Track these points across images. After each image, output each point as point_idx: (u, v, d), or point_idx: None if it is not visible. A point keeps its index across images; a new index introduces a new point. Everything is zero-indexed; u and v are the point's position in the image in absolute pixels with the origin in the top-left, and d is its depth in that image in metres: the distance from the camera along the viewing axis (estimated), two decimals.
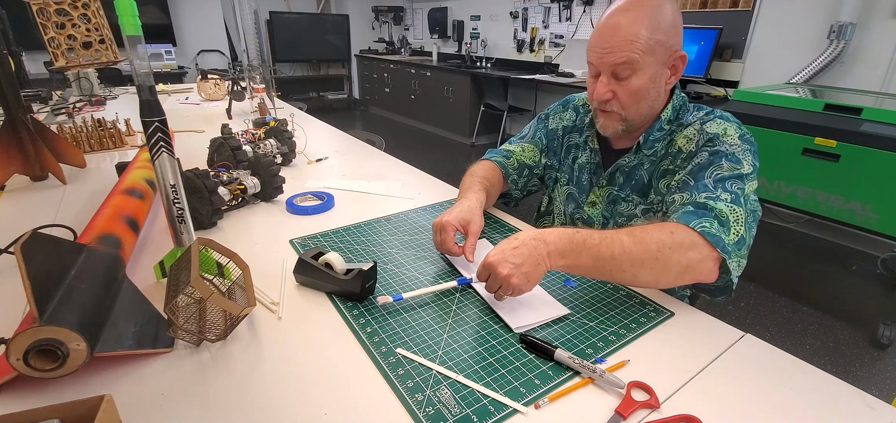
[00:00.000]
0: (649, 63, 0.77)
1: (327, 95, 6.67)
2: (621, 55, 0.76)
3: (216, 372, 0.57)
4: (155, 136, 0.65)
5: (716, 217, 0.69)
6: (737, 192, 0.72)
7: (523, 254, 0.65)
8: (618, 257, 0.66)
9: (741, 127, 0.80)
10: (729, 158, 0.75)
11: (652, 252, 0.66)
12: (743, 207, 0.71)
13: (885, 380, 1.73)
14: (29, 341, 0.47)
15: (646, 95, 0.80)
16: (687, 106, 0.87)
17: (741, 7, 2.99)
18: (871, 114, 1.90)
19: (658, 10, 0.75)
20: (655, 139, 0.86)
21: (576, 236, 0.67)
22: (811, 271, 2.54)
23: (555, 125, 1.05)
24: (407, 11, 6.53)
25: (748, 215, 0.71)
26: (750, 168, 0.75)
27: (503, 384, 0.55)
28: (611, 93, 0.81)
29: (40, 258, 0.53)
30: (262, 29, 1.92)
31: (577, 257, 0.67)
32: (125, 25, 0.60)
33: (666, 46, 0.77)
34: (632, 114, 0.82)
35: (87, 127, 1.55)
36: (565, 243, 0.67)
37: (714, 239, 0.67)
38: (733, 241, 0.68)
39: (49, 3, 1.16)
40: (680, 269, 0.67)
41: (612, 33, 0.77)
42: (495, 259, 0.66)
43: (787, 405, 0.53)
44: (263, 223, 1.00)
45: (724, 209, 0.70)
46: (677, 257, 0.66)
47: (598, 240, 0.67)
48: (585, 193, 0.97)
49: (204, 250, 0.69)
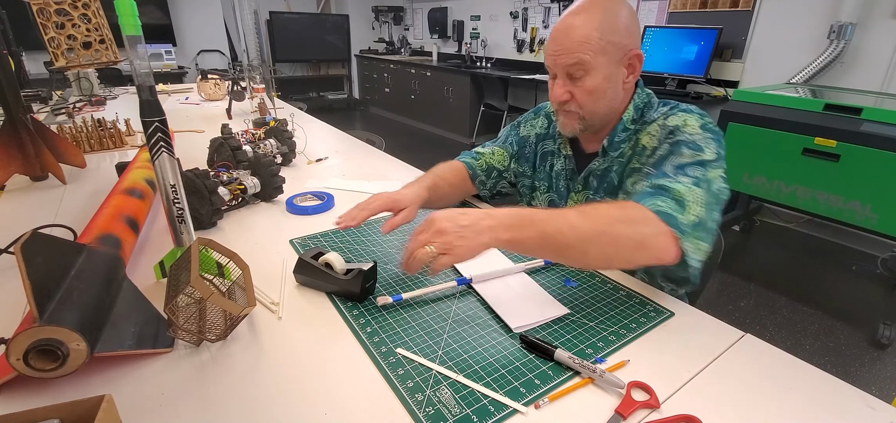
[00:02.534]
0: (602, 63, 0.78)
1: (327, 95, 6.67)
2: (573, 56, 0.78)
3: (216, 372, 0.57)
4: (155, 136, 0.65)
5: (672, 197, 0.68)
6: (697, 176, 0.71)
7: (470, 216, 0.63)
8: (565, 232, 0.63)
9: (704, 118, 0.80)
10: (689, 146, 0.75)
11: (599, 227, 0.63)
12: (703, 190, 0.70)
13: (885, 380, 1.73)
14: (29, 341, 0.47)
15: (602, 95, 0.81)
16: (652, 103, 0.88)
17: (741, 7, 2.99)
18: (871, 114, 1.90)
19: (610, 12, 0.77)
20: (621, 141, 0.87)
21: (522, 211, 0.65)
22: (811, 271, 2.54)
23: (526, 133, 1.06)
24: (407, 11, 6.53)
25: (709, 198, 0.69)
26: (713, 155, 0.74)
27: (503, 384, 0.55)
28: (568, 94, 0.82)
29: (40, 258, 0.53)
30: (262, 29, 1.92)
31: (522, 230, 0.63)
32: (125, 25, 0.60)
33: (620, 46, 0.78)
34: (589, 113, 0.83)
35: (87, 127, 1.55)
36: (510, 216, 0.64)
37: (667, 217, 0.65)
38: (690, 222, 0.66)
39: (49, 3, 1.16)
40: (632, 244, 0.64)
41: (564, 36, 0.79)
42: (439, 215, 0.64)
43: (787, 405, 0.53)
44: (263, 223, 1.00)
45: (681, 189, 0.68)
46: (628, 232, 0.64)
47: (545, 216, 0.64)
48: (564, 199, 0.98)
49: (204, 250, 0.69)
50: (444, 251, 0.61)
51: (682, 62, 3.15)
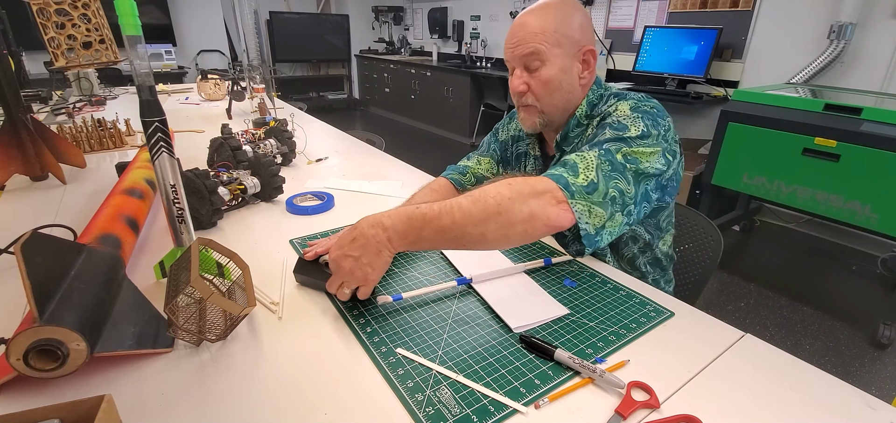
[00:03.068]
0: (557, 55, 0.81)
1: (327, 95, 6.67)
2: (529, 46, 0.81)
3: (216, 372, 0.57)
4: (155, 136, 0.65)
5: (563, 165, 0.70)
6: (607, 149, 0.72)
7: (361, 245, 0.65)
8: (459, 223, 0.63)
9: (640, 102, 0.81)
10: (613, 127, 0.77)
11: (491, 208, 0.63)
12: (603, 158, 0.70)
13: (885, 380, 1.73)
14: (29, 341, 0.47)
15: (558, 87, 0.83)
16: (604, 97, 0.89)
17: (741, 7, 2.99)
18: (871, 114, 1.90)
19: (563, 11, 0.81)
20: (575, 136, 0.89)
21: (414, 214, 0.65)
22: (811, 271, 2.54)
23: (504, 137, 1.09)
24: (407, 11, 6.53)
25: (605, 164, 0.70)
26: (637, 132, 0.74)
27: (503, 384, 0.55)
28: (525, 85, 0.85)
29: (40, 258, 0.53)
30: (262, 29, 1.92)
31: (419, 232, 0.64)
32: (125, 25, 0.60)
33: (573, 40, 0.82)
34: (547, 106, 0.86)
35: (87, 127, 1.55)
36: (403, 222, 0.65)
37: (556, 178, 0.67)
38: (580, 184, 0.67)
39: (49, 3, 1.16)
40: (524, 217, 0.64)
41: (520, 29, 0.82)
42: (335, 255, 0.66)
43: (787, 405, 0.53)
44: (263, 223, 1.00)
45: (573, 157, 0.71)
46: (518, 207, 0.64)
47: (438, 211, 0.64)
48: None
49: (204, 250, 0.69)
50: (359, 284, 0.65)
51: (682, 62, 3.15)
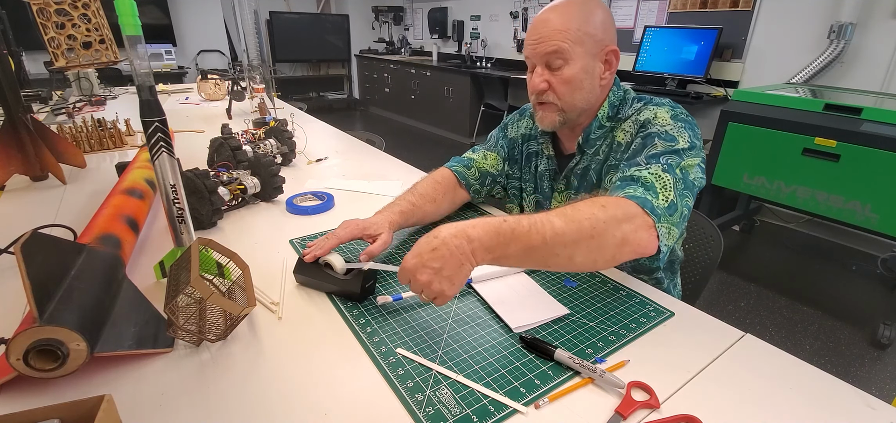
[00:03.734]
0: (580, 53, 0.79)
1: (327, 95, 6.67)
2: (552, 44, 0.79)
3: (216, 372, 0.57)
4: (155, 136, 0.65)
5: (641, 184, 0.69)
6: (670, 164, 0.72)
7: (443, 256, 0.58)
8: (550, 242, 0.60)
9: (675, 108, 0.81)
10: (661, 137, 0.76)
11: (585, 230, 0.61)
12: (674, 176, 0.70)
13: (885, 380, 1.73)
14: (29, 341, 0.47)
15: (580, 86, 0.82)
16: (627, 100, 0.88)
17: (741, 7, 2.99)
18: (871, 114, 1.90)
19: (585, 9, 0.79)
20: (596, 138, 0.88)
21: (502, 227, 0.61)
22: (811, 271, 2.54)
23: (513, 134, 1.06)
24: (407, 11, 6.52)
25: (678, 182, 0.70)
26: (686, 143, 0.74)
27: (503, 384, 0.55)
28: (546, 83, 0.83)
29: (40, 258, 0.53)
30: (262, 29, 1.92)
31: (505, 248, 0.61)
32: (125, 25, 0.60)
33: (596, 39, 0.80)
34: (568, 105, 0.84)
35: (87, 127, 1.55)
36: (491, 236, 0.60)
37: (642, 201, 0.65)
38: (663, 205, 0.66)
39: (49, 3, 1.16)
40: (615, 243, 0.63)
41: (542, 25, 0.80)
42: (411, 265, 0.60)
43: (787, 405, 0.53)
44: (263, 223, 1.00)
45: (648, 176, 0.69)
46: (612, 231, 0.62)
47: (528, 227, 0.61)
48: (548, 199, 0.98)
49: (204, 250, 0.69)
50: (434, 297, 0.60)
51: (682, 62, 3.15)
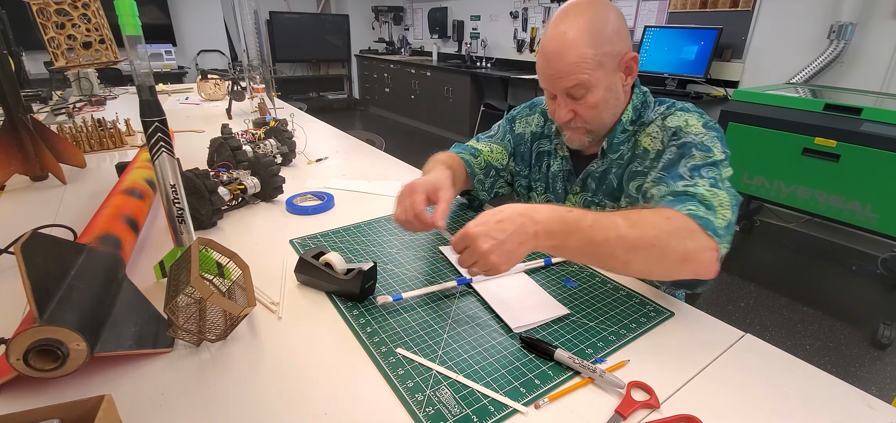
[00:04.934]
0: (601, 77, 0.76)
1: (327, 95, 6.67)
2: (572, 79, 0.76)
3: (216, 372, 0.57)
4: (155, 136, 0.65)
5: (700, 201, 0.66)
6: (714, 177, 0.70)
7: (507, 229, 0.60)
8: (612, 242, 0.61)
9: (703, 116, 0.79)
10: (698, 148, 0.74)
11: (648, 239, 0.61)
12: (725, 192, 0.69)
13: (885, 380, 1.73)
14: (29, 342, 0.47)
15: (605, 106, 0.80)
16: (648, 102, 0.86)
17: (741, 7, 2.99)
18: (871, 114, 1.90)
19: (597, 22, 0.74)
20: (619, 142, 0.86)
21: (568, 216, 0.62)
22: (811, 271, 2.54)
23: (521, 129, 1.02)
24: (407, 11, 6.53)
25: (732, 199, 0.68)
26: (721, 155, 0.74)
27: (503, 384, 0.55)
28: (572, 113, 0.81)
29: (40, 258, 0.53)
30: (262, 29, 1.92)
31: (566, 237, 0.61)
32: (125, 25, 0.60)
33: (613, 54, 0.76)
34: (596, 126, 0.83)
35: (87, 127, 1.55)
36: (556, 221, 0.61)
37: (705, 223, 0.63)
38: (722, 225, 0.64)
39: (49, 3, 1.16)
40: (677, 258, 0.61)
41: (558, 58, 0.76)
42: (476, 231, 0.60)
43: (787, 404, 0.53)
44: (263, 223, 1.00)
45: (705, 193, 0.67)
46: (675, 245, 0.61)
47: (592, 221, 0.61)
48: (562, 200, 0.97)
49: (204, 250, 0.69)
50: (489, 269, 0.61)
51: (682, 62, 3.15)
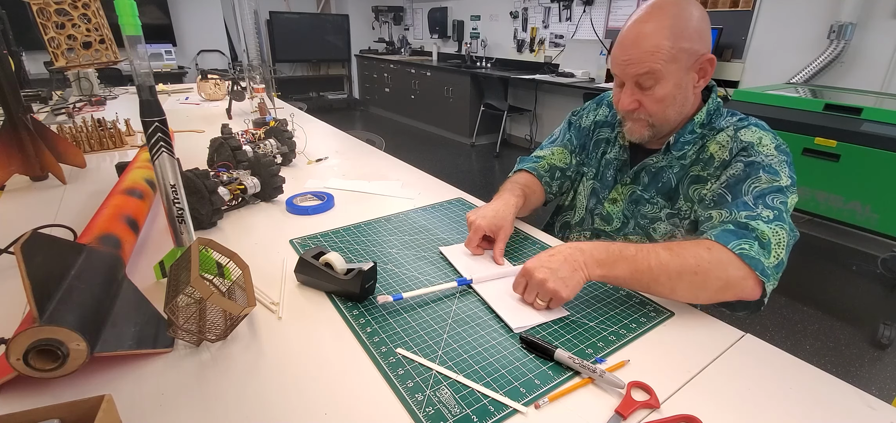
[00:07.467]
0: (673, 71, 0.76)
1: (327, 95, 6.67)
2: (643, 66, 0.76)
3: (216, 372, 0.57)
4: (155, 136, 0.65)
5: (757, 239, 0.67)
6: (779, 207, 0.70)
7: (559, 260, 0.67)
8: (654, 269, 0.66)
9: (777, 137, 0.78)
10: (766, 170, 0.73)
11: (690, 266, 0.66)
12: (786, 225, 0.69)
13: (885, 380, 1.73)
14: (29, 341, 0.47)
15: (672, 102, 0.79)
16: (721, 110, 0.85)
17: (741, 7, 2.99)
18: (871, 114, 1.90)
19: (681, 17, 0.74)
20: (686, 142, 0.84)
21: (611, 247, 0.69)
22: (811, 271, 2.54)
23: (588, 122, 1.03)
24: (407, 11, 6.53)
25: (789, 238, 0.69)
26: (788, 180, 0.73)
27: (503, 384, 0.55)
28: (636, 103, 0.80)
29: (40, 258, 0.53)
30: (262, 29, 1.92)
31: (613, 267, 0.68)
32: (125, 25, 0.60)
33: (690, 52, 0.75)
34: (659, 120, 0.82)
35: (87, 127, 1.55)
36: (601, 251, 0.68)
37: (753, 262, 0.66)
38: (773, 264, 0.67)
39: (49, 3, 1.16)
40: (719, 285, 0.66)
41: (633, 45, 0.76)
42: (531, 265, 0.68)
43: (787, 404, 0.53)
44: (263, 223, 1.00)
45: (766, 231, 0.68)
46: (717, 273, 0.66)
47: (634, 252, 0.68)
48: (608, 189, 0.96)
49: (204, 250, 0.69)
50: (551, 296, 0.67)
51: None
